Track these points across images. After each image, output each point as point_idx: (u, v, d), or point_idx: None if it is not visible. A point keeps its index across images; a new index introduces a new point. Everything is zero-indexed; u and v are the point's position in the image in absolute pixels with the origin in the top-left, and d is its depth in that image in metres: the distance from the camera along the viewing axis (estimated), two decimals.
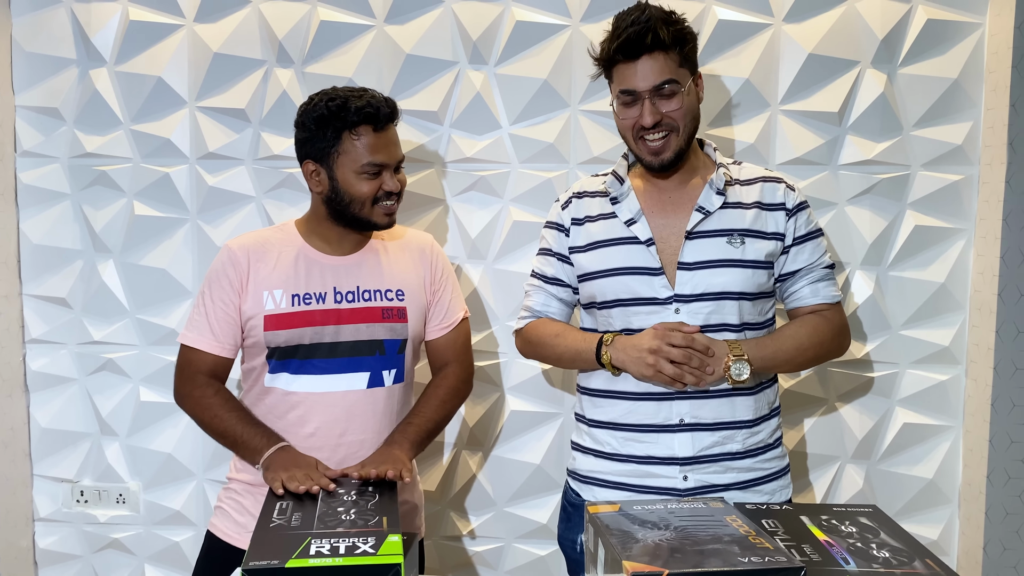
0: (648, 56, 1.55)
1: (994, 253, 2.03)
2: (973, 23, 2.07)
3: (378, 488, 1.48)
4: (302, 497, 1.44)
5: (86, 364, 2.30)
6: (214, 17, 2.18)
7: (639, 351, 1.55)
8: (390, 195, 1.71)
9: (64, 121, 2.24)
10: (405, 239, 1.86)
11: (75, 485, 2.33)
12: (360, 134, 1.66)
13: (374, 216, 1.71)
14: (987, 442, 2.05)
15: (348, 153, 1.67)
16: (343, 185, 1.68)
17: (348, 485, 1.50)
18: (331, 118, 1.65)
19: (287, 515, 1.34)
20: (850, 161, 2.12)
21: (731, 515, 1.26)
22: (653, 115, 1.57)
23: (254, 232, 1.80)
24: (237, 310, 1.71)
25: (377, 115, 1.66)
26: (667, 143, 1.60)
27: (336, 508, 1.36)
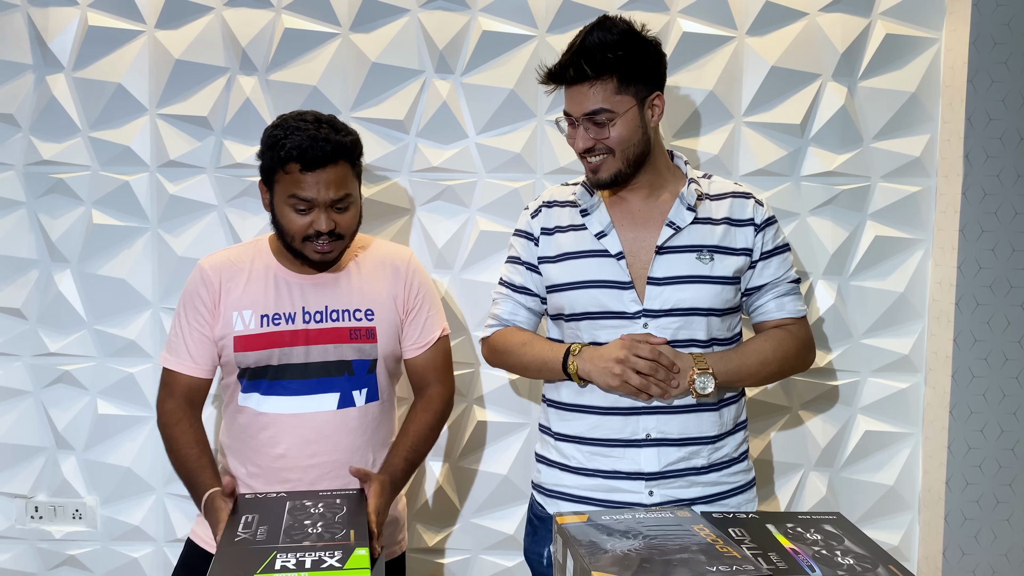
0: (578, 85, 1.56)
1: (951, 263, 2.07)
2: (930, 38, 2.12)
3: (346, 501, 1.46)
4: (268, 510, 1.42)
5: (41, 376, 2.24)
6: (176, 23, 2.15)
7: (606, 361, 1.54)
8: (320, 235, 1.64)
9: (19, 128, 2.19)
10: (381, 255, 1.81)
11: (29, 501, 2.27)
12: (289, 171, 1.61)
13: (306, 251, 1.66)
14: (946, 448, 2.09)
15: (280, 182, 1.64)
16: (278, 214, 1.66)
17: (316, 497, 1.48)
18: (271, 147, 1.63)
19: (252, 529, 1.31)
20: (812, 172, 2.15)
21: (698, 524, 1.27)
22: (584, 140, 1.59)
23: (227, 250, 1.78)
24: (211, 328, 1.70)
25: (304, 156, 1.59)
26: (603, 164, 1.60)
27: (303, 521, 1.34)
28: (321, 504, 1.43)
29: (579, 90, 1.56)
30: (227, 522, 1.38)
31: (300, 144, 1.58)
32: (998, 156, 2.02)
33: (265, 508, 1.42)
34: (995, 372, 2.06)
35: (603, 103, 1.55)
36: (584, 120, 1.57)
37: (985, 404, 2.07)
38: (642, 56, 1.57)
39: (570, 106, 1.59)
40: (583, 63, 1.54)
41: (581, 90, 1.56)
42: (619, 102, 1.56)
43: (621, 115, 1.56)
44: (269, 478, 1.68)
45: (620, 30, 1.56)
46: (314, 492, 1.52)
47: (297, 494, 1.50)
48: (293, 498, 1.45)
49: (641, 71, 1.57)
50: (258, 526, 1.32)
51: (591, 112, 1.56)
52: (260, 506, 1.43)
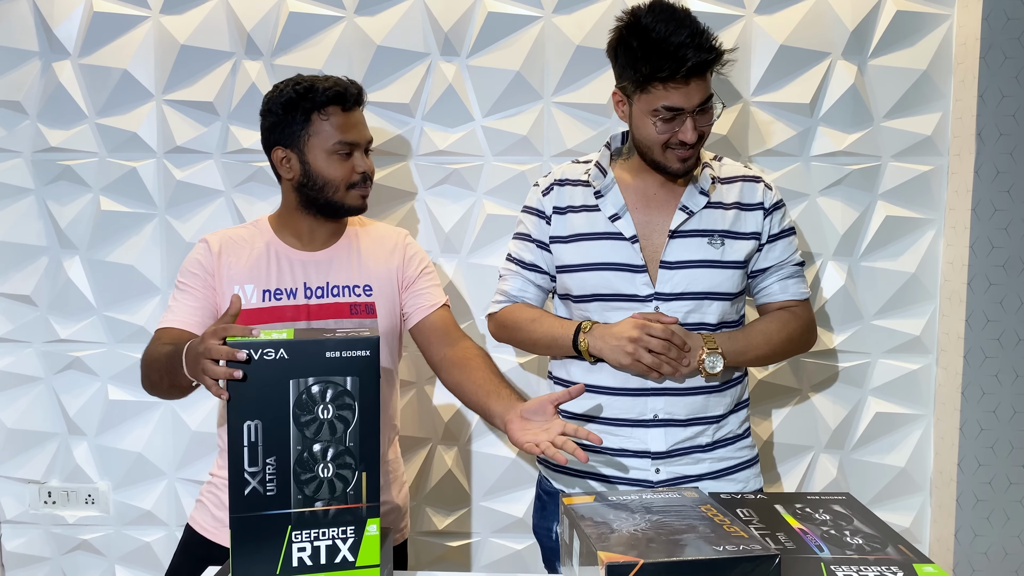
0: (699, 78, 1.52)
1: (963, 243, 2.05)
2: (941, 15, 2.08)
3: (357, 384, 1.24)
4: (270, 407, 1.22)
5: (52, 363, 2.25)
6: (181, 8, 2.14)
7: (618, 339, 1.54)
8: (364, 177, 1.70)
9: (27, 115, 2.19)
10: (378, 234, 1.83)
11: (42, 486, 2.29)
12: (329, 114, 1.65)
13: (348, 200, 1.69)
14: (958, 430, 2.07)
15: (319, 134, 1.65)
16: (315, 168, 1.67)
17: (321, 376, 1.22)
18: (299, 100, 1.64)
19: (260, 464, 1.21)
20: (822, 152, 2.13)
21: (706, 504, 1.26)
22: (695, 131, 1.55)
23: (228, 229, 1.78)
24: (209, 298, 1.67)
25: (345, 95, 1.66)
26: (694, 152, 1.59)
27: (312, 447, 1.21)
28: (329, 395, 1.22)
29: (698, 84, 1.52)
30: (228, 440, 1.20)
31: (337, 85, 1.65)
32: (1011, 134, 2.00)
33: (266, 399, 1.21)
34: (1008, 352, 2.04)
35: (710, 89, 1.55)
36: (697, 111, 1.54)
37: (998, 385, 2.05)
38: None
39: (684, 99, 1.52)
40: (712, 57, 1.51)
41: (700, 83, 1.53)
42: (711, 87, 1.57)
43: (714, 98, 1.57)
44: None
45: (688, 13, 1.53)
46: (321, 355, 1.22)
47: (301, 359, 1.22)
48: (296, 371, 1.21)
49: None
50: (265, 459, 1.21)
51: (705, 101, 1.54)
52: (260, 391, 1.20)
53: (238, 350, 1.19)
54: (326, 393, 1.22)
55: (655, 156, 1.60)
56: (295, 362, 1.21)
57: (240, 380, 1.20)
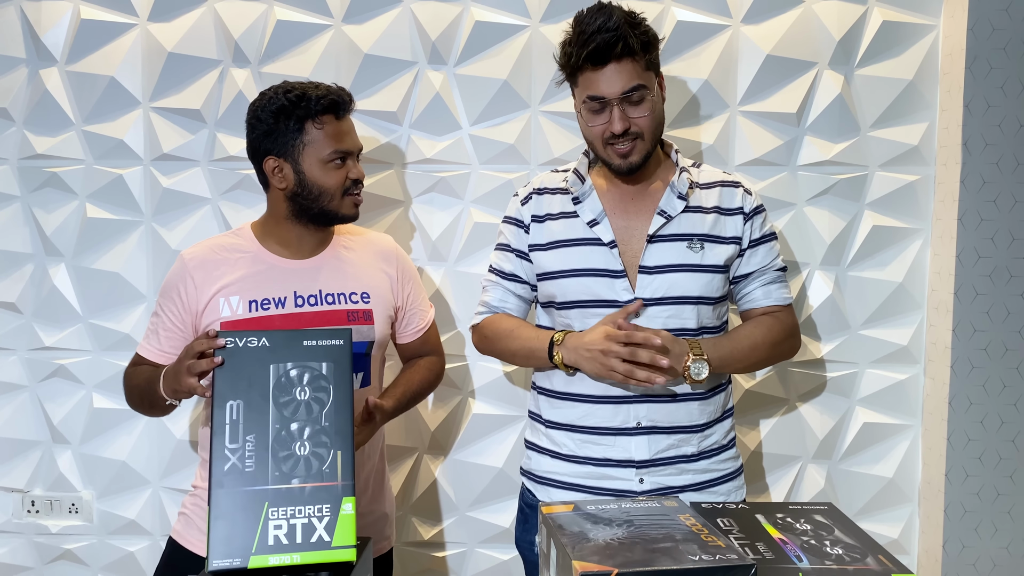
0: (616, 63, 1.53)
1: (950, 252, 2.05)
2: (928, 25, 2.09)
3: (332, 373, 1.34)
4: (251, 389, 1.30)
5: (37, 370, 2.24)
6: (168, 16, 2.14)
7: (589, 351, 1.54)
8: (357, 183, 1.70)
9: (13, 122, 2.18)
10: (367, 240, 1.83)
11: (26, 495, 2.27)
12: (324, 123, 1.65)
13: (343, 208, 1.70)
14: (945, 440, 2.06)
15: (313, 143, 1.65)
16: (311, 177, 1.66)
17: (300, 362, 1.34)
18: (292, 108, 1.63)
19: (240, 441, 1.27)
20: (808, 162, 2.13)
21: (685, 513, 1.25)
22: (623, 121, 1.55)
23: (209, 240, 1.76)
24: (186, 323, 1.68)
25: (339, 103, 1.66)
26: (634, 147, 1.59)
27: (290, 425, 1.29)
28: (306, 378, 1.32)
29: (617, 68, 1.53)
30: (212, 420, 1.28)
31: (329, 93, 1.66)
32: (997, 144, 2.00)
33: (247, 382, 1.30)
34: (995, 363, 2.04)
35: (640, 79, 1.55)
36: (620, 100, 1.55)
37: (985, 395, 2.05)
38: (655, 37, 1.59)
39: (605, 87, 1.54)
40: (625, 38, 1.51)
41: (619, 69, 1.53)
42: (648, 79, 1.57)
43: (651, 92, 1.57)
44: None
45: (627, 11, 1.56)
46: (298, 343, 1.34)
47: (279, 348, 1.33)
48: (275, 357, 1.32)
49: (656, 57, 1.60)
50: (245, 436, 1.27)
51: (631, 89, 1.54)
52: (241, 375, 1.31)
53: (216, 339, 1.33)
54: (303, 376, 1.32)
55: (599, 153, 1.63)
56: (275, 349, 1.33)
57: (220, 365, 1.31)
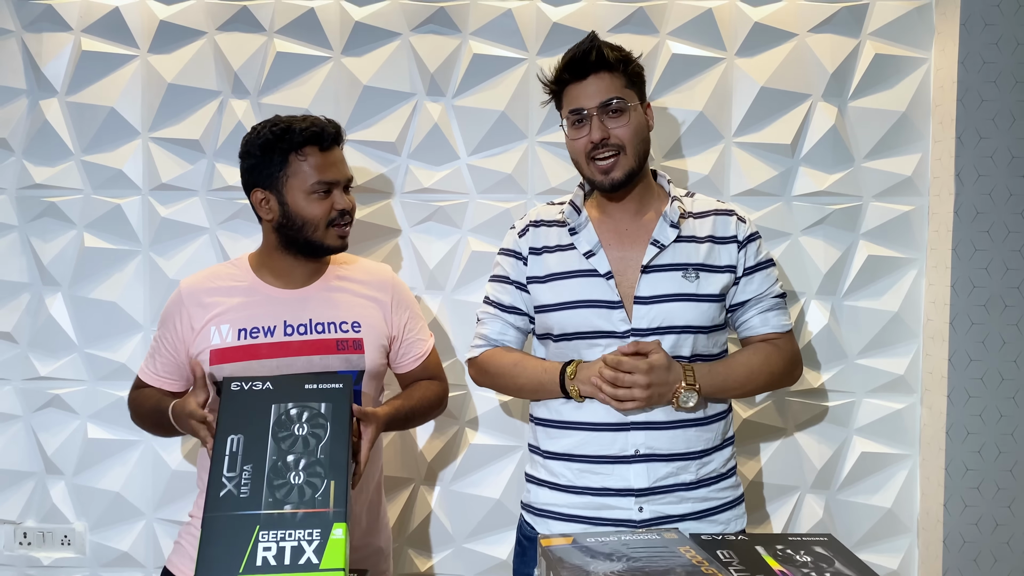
0: (595, 75, 1.59)
1: (945, 282, 2.06)
2: (919, 58, 2.12)
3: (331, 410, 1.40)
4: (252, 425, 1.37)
5: (31, 400, 2.23)
6: (168, 48, 2.16)
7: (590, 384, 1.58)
8: (343, 215, 1.70)
9: (12, 152, 2.19)
10: (363, 271, 1.83)
11: (18, 527, 2.24)
12: (307, 154, 1.66)
13: (328, 239, 1.70)
14: (943, 470, 2.06)
15: (297, 175, 1.66)
16: (294, 209, 1.67)
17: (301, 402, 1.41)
18: (276, 141, 1.66)
19: (237, 470, 1.30)
20: (803, 192, 2.15)
21: (685, 545, 1.25)
22: (601, 130, 1.59)
23: (208, 269, 1.79)
24: (180, 352, 1.72)
25: (322, 135, 1.67)
26: (616, 162, 1.61)
27: (287, 456, 1.32)
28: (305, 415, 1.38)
29: (594, 81, 1.59)
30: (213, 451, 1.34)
31: (313, 126, 1.67)
32: (989, 175, 2.02)
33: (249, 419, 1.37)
34: (991, 392, 2.04)
35: (618, 92, 1.59)
36: (599, 110, 1.59)
37: (982, 425, 2.05)
38: (635, 65, 1.64)
39: (584, 99, 1.60)
40: (603, 53, 1.58)
41: (596, 81, 1.59)
42: (629, 95, 1.62)
43: (633, 107, 1.61)
44: None
45: (614, 44, 1.64)
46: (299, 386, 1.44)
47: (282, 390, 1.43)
48: (278, 398, 1.40)
49: (639, 80, 1.65)
50: (242, 464, 1.31)
51: (608, 100, 1.59)
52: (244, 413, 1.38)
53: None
54: (302, 415, 1.38)
55: (584, 172, 1.67)
56: (278, 392, 1.41)
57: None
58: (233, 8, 2.15)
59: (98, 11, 2.16)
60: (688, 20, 2.12)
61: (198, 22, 2.16)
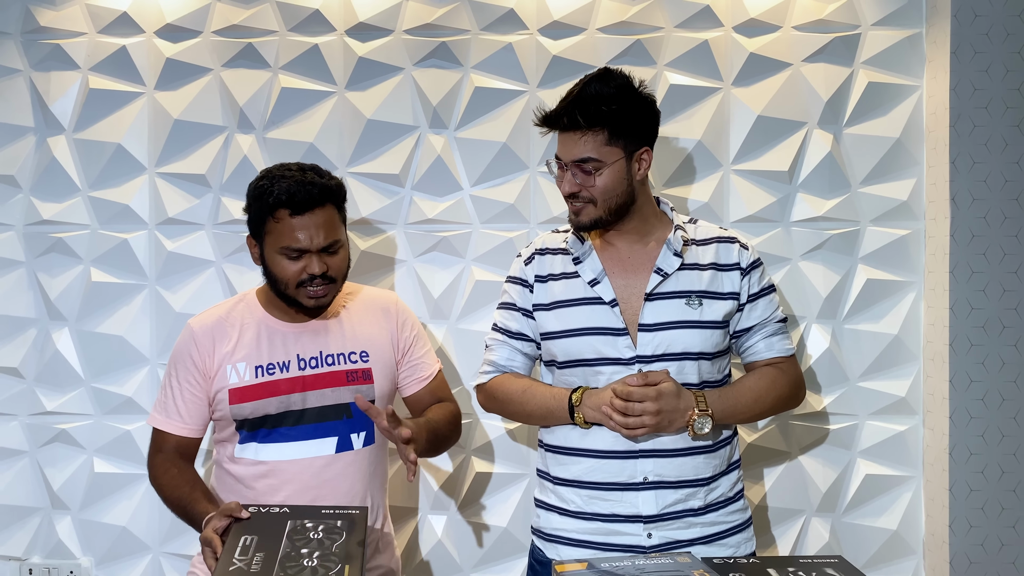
0: (572, 132, 1.61)
1: (943, 305, 2.09)
2: (911, 86, 2.17)
3: (347, 524, 1.43)
4: (268, 530, 1.40)
5: (38, 435, 2.23)
6: (175, 85, 2.20)
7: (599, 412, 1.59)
8: (314, 279, 1.65)
9: (20, 188, 2.22)
10: (369, 299, 1.86)
11: (23, 563, 2.23)
12: (279, 218, 1.64)
13: (299, 298, 1.68)
14: (947, 491, 2.07)
15: (271, 233, 1.66)
16: (270, 264, 1.68)
17: (317, 517, 1.45)
18: (258, 197, 1.66)
19: (249, 556, 1.29)
20: (801, 218, 2.18)
21: (698, 569, 1.26)
22: (571, 185, 1.64)
23: (215, 307, 1.80)
24: (202, 390, 1.71)
25: (293, 200, 1.62)
26: (584, 211, 1.65)
27: (300, 549, 1.32)
28: (321, 527, 1.40)
29: (571, 137, 1.61)
30: (228, 540, 1.36)
31: (288, 189, 1.62)
32: (984, 198, 2.06)
33: (264, 527, 1.40)
34: (992, 413, 2.06)
35: (592, 153, 1.60)
36: (572, 166, 1.62)
37: (984, 445, 2.07)
38: (635, 112, 1.62)
39: (561, 151, 1.64)
40: (577, 113, 1.59)
41: (573, 138, 1.61)
42: (608, 153, 1.61)
43: (608, 166, 1.61)
44: None
45: (617, 84, 1.61)
46: (316, 509, 1.50)
47: (299, 511, 1.48)
48: (295, 516, 1.44)
49: (632, 126, 1.62)
50: (255, 552, 1.30)
51: (580, 160, 1.61)
52: (260, 524, 1.41)
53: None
54: (319, 526, 1.41)
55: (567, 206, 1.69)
56: (295, 514, 1.46)
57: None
58: (238, 45, 2.19)
59: (105, 50, 2.20)
60: (685, 51, 2.17)
61: (204, 59, 2.20)
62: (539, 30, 2.18)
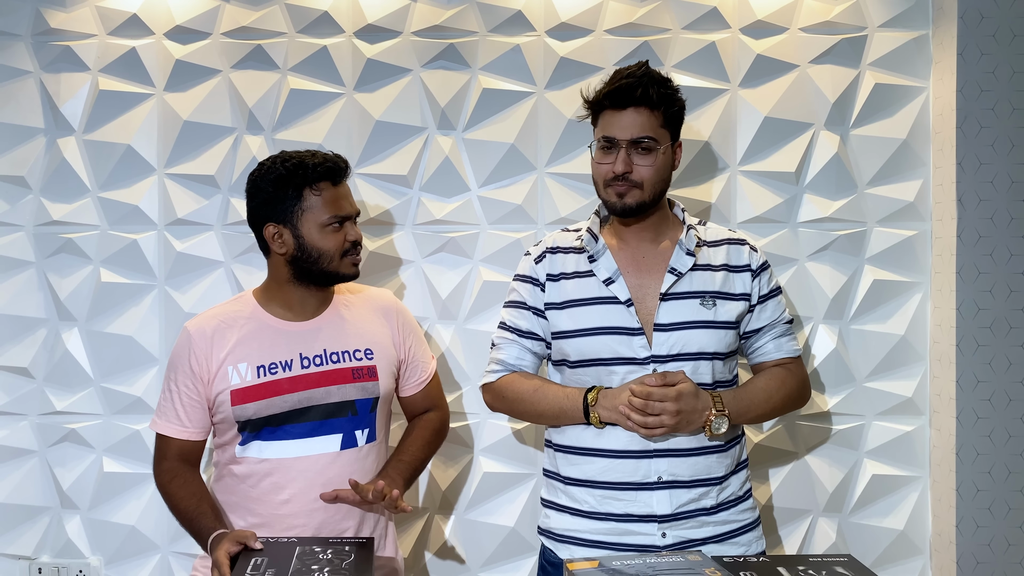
0: (634, 109, 1.60)
1: (950, 305, 2.09)
2: (917, 87, 2.17)
3: (355, 548, 1.45)
4: (278, 554, 1.41)
5: (47, 435, 2.24)
6: (184, 86, 2.21)
7: (616, 412, 1.60)
8: (355, 245, 1.75)
9: (30, 189, 2.23)
10: (367, 297, 1.88)
11: (33, 562, 2.24)
12: (321, 189, 1.70)
13: (343, 268, 1.74)
14: (954, 491, 2.08)
15: (312, 209, 1.70)
16: (310, 242, 1.70)
17: (326, 544, 1.47)
18: (290, 177, 1.69)
19: (260, 572, 1.31)
20: (808, 219, 2.19)
21: (710, 567, 1.26)
22: (625, 164, 1.62)
23: (212, 309, 1.79)
24: (201, 395, 1.71)
25: (335, 170, 1.72)
26: (630, 193, 1.64)
27: (311, 566, 1.34)
28: (330, 551, 1.42)
29: (633, 115, 1.61)
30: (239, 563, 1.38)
31: (324, 163, 1.70)
32: (990, 199, 2.06)
33: (275, 552, 1.42)
34: (999, 413, 2.07)
35: (652, 132, 1.61)
36: (629, 145, 1.61)
37: (991, 445, 2.07)
38: (678, 102, 1.66)
39: (617, 130, 1.62)
40: (648, 89, 1.59)
41: (636, 115, 1.60)
42: (663, 135, 1.64)
43: (663, 148, 1.63)
44: (273, 527, 1.66)
45: (663, 75, 1.65)
46: (325, 539, 1.52)
47: (308, 540, 1.50)
48: (304, 543, 1.46)
49: (678, 116, 1.67)
50: (266, 569, 1.32)
51: (639, 138, 1.61)
52: (270, 550, 1.43)
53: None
54: (328, 550, 1.43)
55: (600, 194, 1.69)
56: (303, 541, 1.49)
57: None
58: (247, 47, 2.20)
59: (115, 51, 2.21)
60: (692, 53, 2.18)
61: (213, 61, 2.21)
62: (547, 32, 2.19)
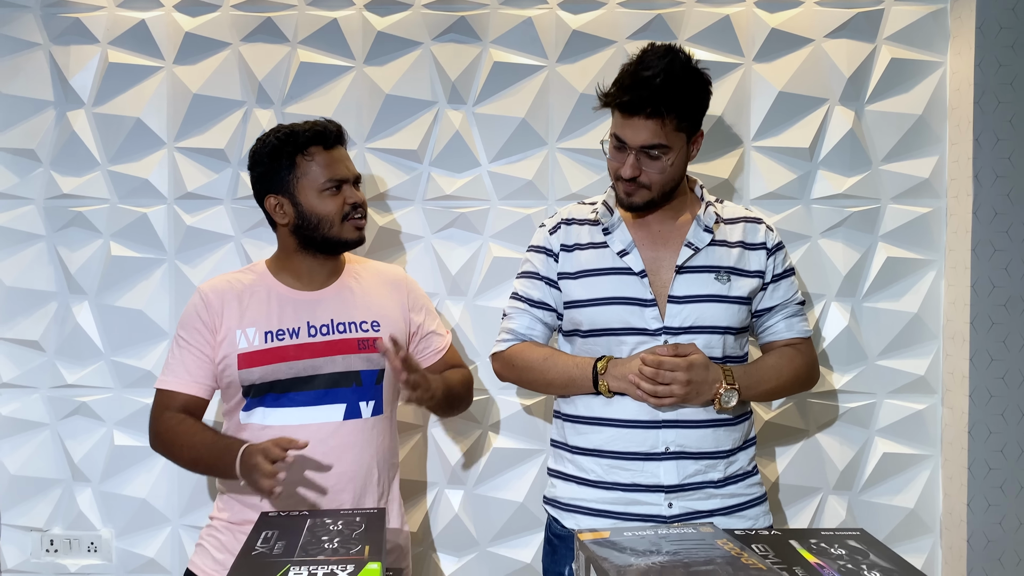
0: (644, 118, 1.56)
1: (964, 283, 2.07)
2: (935, 62, 2.14)
3: (366, 518, 1.46)
4: (288, 526, 1.42)
5: (58, 408, 2.25)
6: (194, 59, 2.20)
7: (625, 381, 1.60)
8: (356, 208, 1.75)
9: (40, 163, 2.22)
10: (377, 270, 1.89)
11: (45, 534, 2.26)
12: (312, 154, 1.72)
13: (344, 233, 1.74)
14: (966, 470, 2.07)
15: (306, 175, 1.72)
16: (308, 208, 1.72)
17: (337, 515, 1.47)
18: (282, 147, 1.72)
19: (270, 544, 1.31)
20: (822, 195, 2.17)
21: (722, 538, 1.26)
22: (633, 169, 1.61)
23: (225, 275, 1.81)
24: (211, 348, 1.72)
25: (324, 134, 1.73)
26: (637, 193, 1.64)
27: (321, 536, 1.34)
28: (341, 521, 1.43)
29: (643, 123, 1.57)
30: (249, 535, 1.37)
31: (313, 128, 1.73)
32: (1007, 176, 2.04)
33: (285, 524, 1.42)
34: (1013, 391, 2.05)
35: (663, 139, 1.58)
36: (639, 151, 1.59)
37: (1004, 424, 2.06)
38: (700, 98, 1.61)
39: (628, 134, 1.59)
40: (659, 101, 1.54)
41: (647, 123, 1.56)
42: (675, 139, 1.60)
43: (675, 152, 1.60)
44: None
45: (683, 65, 1.57)
46: (336, 510, 1.52)
47: (319, 512, 1.51)
48: (314, 515, 1.46)
49: (697, 112, 1.62)
50: (276, 541, 1.33)
51: (649, 146, 1.58)
52: (281, 522, 1.43)
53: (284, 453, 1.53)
54: (339, 521, 1.42)
55: (614, 185, 1.68)
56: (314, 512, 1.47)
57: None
58: (257, 19, 2.18)
59: (125, 24, 2.20)
60: (706, 27, 2.15)
61: (223, 33, 2.19)
62: (559, 4, 2.17)
